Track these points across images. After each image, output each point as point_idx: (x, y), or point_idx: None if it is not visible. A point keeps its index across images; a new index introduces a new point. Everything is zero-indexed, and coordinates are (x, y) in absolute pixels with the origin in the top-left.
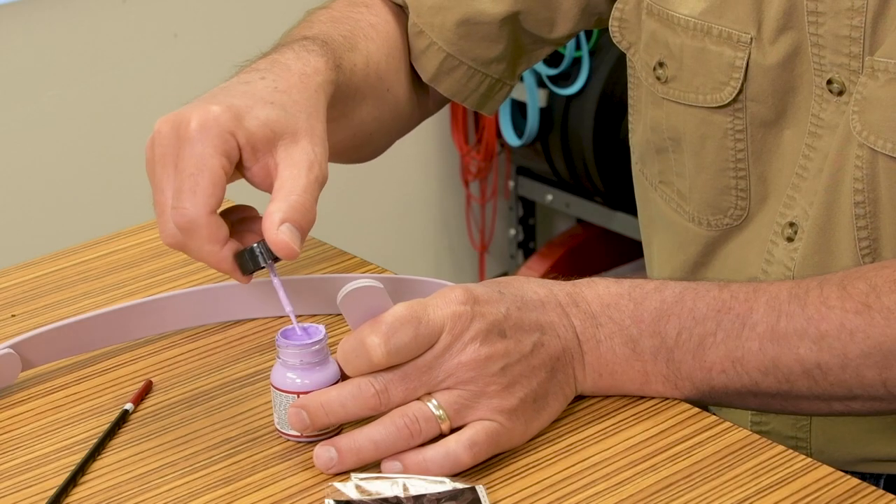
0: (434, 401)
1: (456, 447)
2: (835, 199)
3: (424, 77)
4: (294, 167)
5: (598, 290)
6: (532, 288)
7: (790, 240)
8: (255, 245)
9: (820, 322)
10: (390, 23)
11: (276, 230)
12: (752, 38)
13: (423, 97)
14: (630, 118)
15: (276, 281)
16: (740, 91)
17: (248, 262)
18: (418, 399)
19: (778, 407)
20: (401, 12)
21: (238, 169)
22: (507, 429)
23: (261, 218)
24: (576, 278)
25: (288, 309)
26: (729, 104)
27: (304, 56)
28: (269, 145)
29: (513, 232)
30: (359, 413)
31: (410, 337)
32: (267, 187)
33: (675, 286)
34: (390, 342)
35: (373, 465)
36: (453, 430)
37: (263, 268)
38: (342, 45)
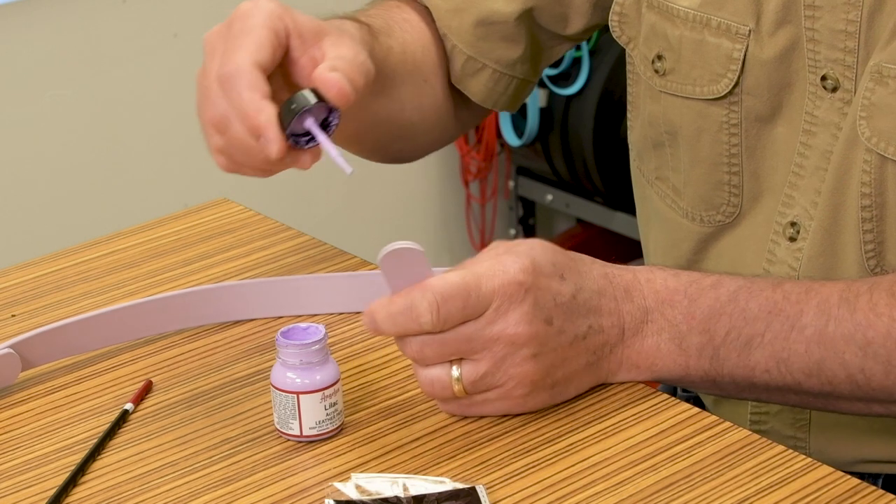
0: (457, 370)
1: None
2: (841, 202)
3: (451, 78)
4: (342, 50)
5: (657, 286)
6: (593, 276)
7: (793, 240)
8: (303, 91)
9: (867, 329)
10: (423, 22)
11: (328, 72)
12: (750, 31)
13: (461, 106)
14: (629, 115)
15: (321, 137)
16: (736, 84)
17: (292, 108)
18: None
19: (819, 405)
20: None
21: (284, 67)
22: (503, 403)
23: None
24: None
25: (340, 161)
26: (725, 96)
27: (337, 23)
28: (317, 38)
29: (513, 232)
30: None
31: (459, 308)
32: (312, 83)
33: (731, 284)
34: (441, 311)
35: (373, 466)
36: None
37: (305, 134)
38: (378, 29)
